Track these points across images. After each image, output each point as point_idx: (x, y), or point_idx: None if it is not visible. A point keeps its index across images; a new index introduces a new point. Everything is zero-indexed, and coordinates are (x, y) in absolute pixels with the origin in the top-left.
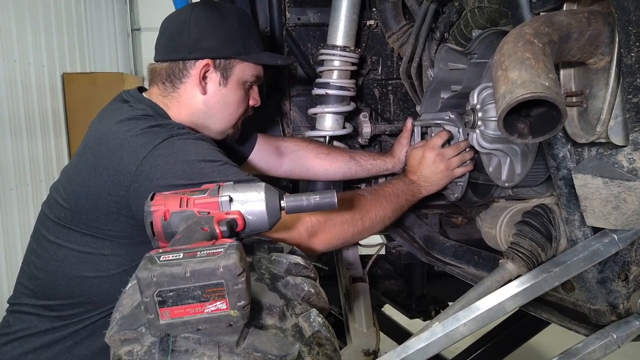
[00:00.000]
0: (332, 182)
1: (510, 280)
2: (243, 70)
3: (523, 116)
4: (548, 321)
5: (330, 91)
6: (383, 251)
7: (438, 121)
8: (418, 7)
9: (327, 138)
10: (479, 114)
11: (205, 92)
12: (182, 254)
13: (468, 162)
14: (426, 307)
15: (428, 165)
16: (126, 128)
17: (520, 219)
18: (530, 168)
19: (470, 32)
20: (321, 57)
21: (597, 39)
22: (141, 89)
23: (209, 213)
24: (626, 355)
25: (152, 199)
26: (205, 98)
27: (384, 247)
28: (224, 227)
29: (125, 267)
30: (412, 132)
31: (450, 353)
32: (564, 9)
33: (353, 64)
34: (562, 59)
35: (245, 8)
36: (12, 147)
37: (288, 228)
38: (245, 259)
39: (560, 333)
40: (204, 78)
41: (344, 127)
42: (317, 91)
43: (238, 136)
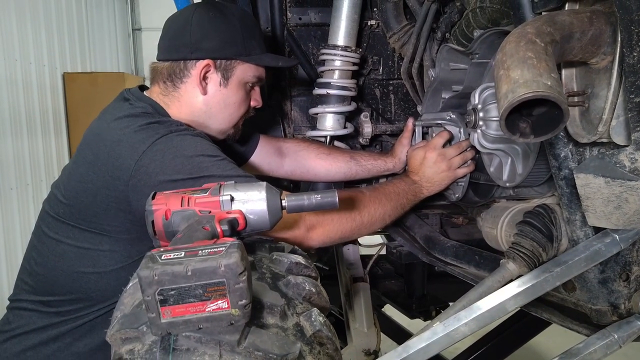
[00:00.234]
0: (333, 183)
1: (511, 280)
2: (244, 71)
3: (525, 116)
4: (549, 321)
5: (331, 91)
6: (384, 251)
7: (439, 121)
8: (419, 7)
9: (328, 138)
10: (480, 114)
11: (205, 92)
12: (184, 253)
13: (470, 162)
14: (427, 307)
15: (429, 165)
16: (125, 124)
17: (521, 219)
18: (531, 168)
19: (471, 32)
20: (322, 57)
21: (599, 39)
22: (142, 88)
23: (210, 212)
24: (626, 356)
25: (154, 198)
26: (205, 98)
27: (385, 247)
28: (225, 226)
29: (122, 264)
30: (413, 132)
31: (450, 354)
32: (566, 9)
33: (354, 64)
34: (564, 59)
35: (246, 8)
36: (13, 147)
37: (286, 224)
38: (246, 258)
39: (561, 333)
40: (205, 78)
41: (345, 127)
42: (318, 91)
43: (239, 136)
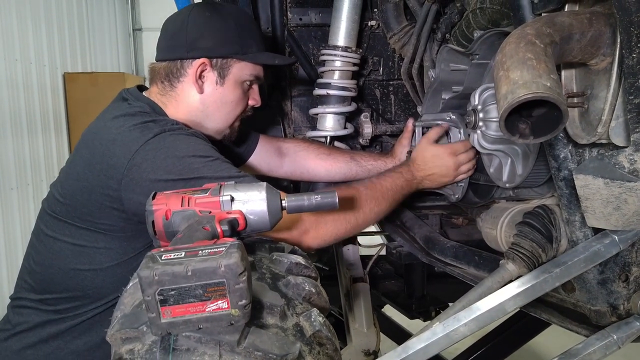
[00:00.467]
0: (333, 183)
1: (510, 280)
2: (240, 69)
3: (524, 117)
4: (548, 322)
5: (331, 91)
6: (384, 251)
7: (439, 122)
8: (419, 8)
9: (328, 138)
10: (480, 115)
11: (202, 91)
12: (184, 253)
13: (471, 166)
14: (426, 308)
15: (437, 164)
16: (120, 123)
17: (521, 220)
18: (531, 169)
19: (471, 33)
20: (322, 58)
21: (599, 40)
22: (141, 88)
23: (211, 212)
24: (625, 356)
25: (154, 198)
26: (202, 97)
27: (385, 248)
28: (226, 227)
29: (118, 261)
30: (413, 133)
31: (450, 354)
32: (566, 10)
33: (354, 65)
34: (564, 60)
35: (247, 9)
36: (13, 147)
37: (285, 225)
38: (246, 258)
39: (560, 334)
40: (201, 77)
41: (345, 128)
42: (319, 91)
43: (237, 136)
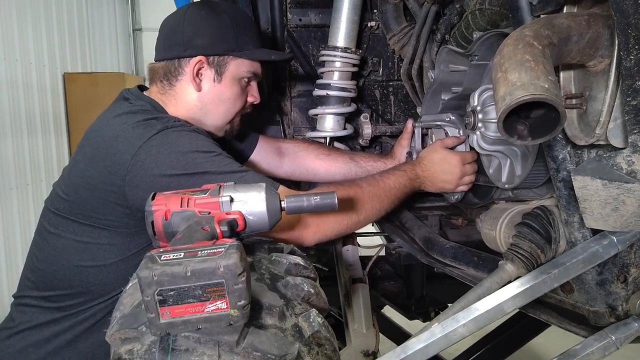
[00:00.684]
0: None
1: (509, 281)
2: (237, 66)
3: (523, 118)
4: (547, 323)
5: (331, 92)
6: (383, 252)
7: (439, 123)
8: (419, 9)
9: (328, 139)
10: (480, 116)
11: (200, 89)
12: (183, 254)
13: (474, 177)
14: (426, 309)
15: (445, 169)
16: (123, 120)
17: (520, 221)
18: (530, 170)
19: (471, 34)
20: (322, 58)
21: (597, 42)
22: (142, 88)
23: (210, 213)
24: (624, 357)
25: (153, 199)
26: (200, 94)
27: (384, 249)
28: (225, 227)
29: (121, 257)
30: (413, 134)
31: (449, 355)
32: (564, 12)
33: (354, 65)
34: (562, 62)
35: (246, 9)
36: (13, 147)
37: (284, 224)
38: (245, 259)
39: (559, 335)
40: (198, 75)
41: (345, 128)
42: (318, 92)
43: (237, 133)
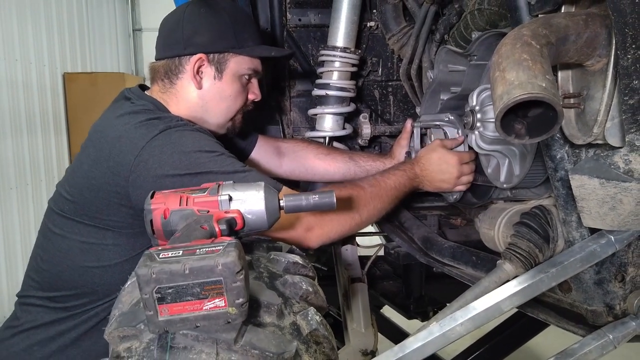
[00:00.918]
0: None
1: (507, 280)
2: (238, 63)
3: (520, 117)
4: (545, 322)
5: (330, 92)
6: (382, 252)
7: (438, 122)
8: (418, 9)
9: (327, 139)
10: (478, 115)
11: (200, 87)
12: (182, 252)
13: (472, 177)
14: (424, 308)
15: (443, 168)
16: (125, 121)
17: (518, 220)
18: (528, 169)
19: (469, 34)
20: (321, 58)
21: (595, 41)
22: (143, 87)
23: (209, 212)
24: (623, 356)
25: (152, 197)
26: (200, 92)
27: (383, 248)
28: (223, 226)
29: (126, 257)
30: (412, 134)
31: (448, 355)
32: (562, 12)
33: (353, 65)
34: (560, 61)
35: (246, 9)
36: (13, 146)
37: (285, 224)
38: (244, 257)
39: (558, 335)
40: (199, 72)
41: (344, 128)
42: (317, 92)
43: (238, 131)
